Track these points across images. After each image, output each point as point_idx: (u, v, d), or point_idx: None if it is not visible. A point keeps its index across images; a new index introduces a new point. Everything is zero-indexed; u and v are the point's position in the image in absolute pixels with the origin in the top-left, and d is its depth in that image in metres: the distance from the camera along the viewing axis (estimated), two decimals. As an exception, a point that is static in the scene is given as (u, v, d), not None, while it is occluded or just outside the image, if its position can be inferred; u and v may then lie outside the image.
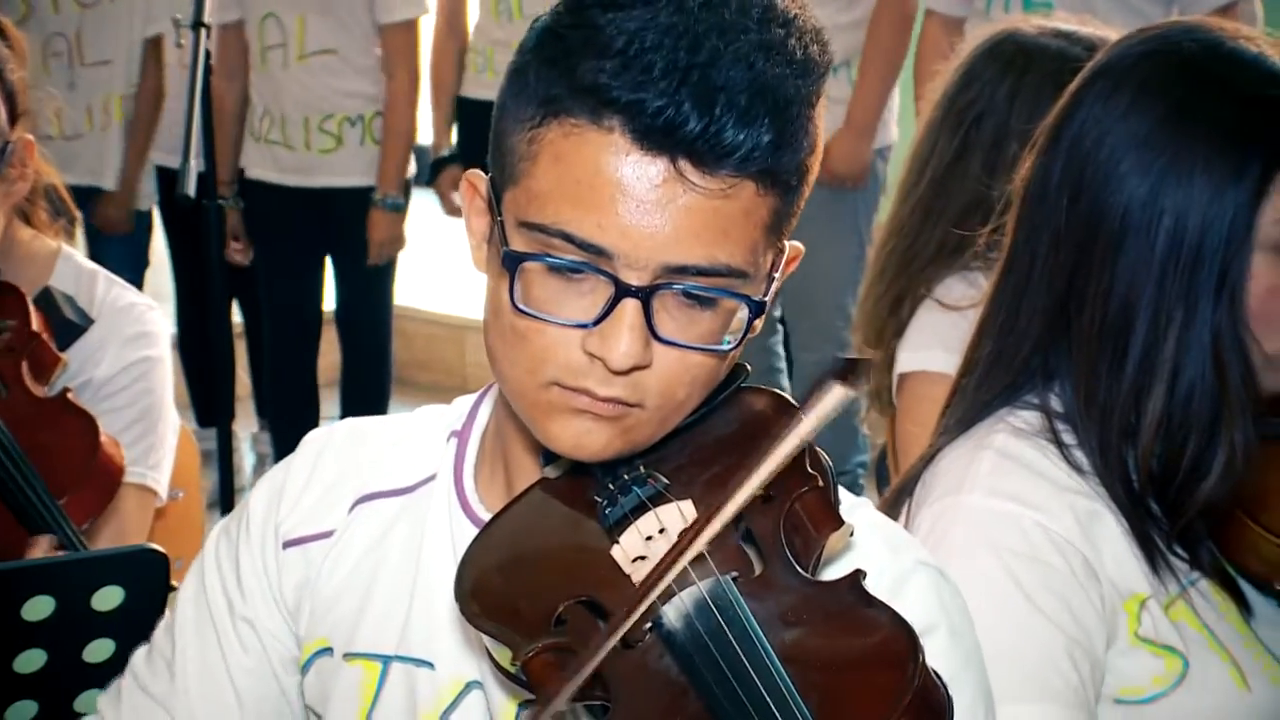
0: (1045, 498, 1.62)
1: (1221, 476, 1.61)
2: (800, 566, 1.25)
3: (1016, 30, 2.52)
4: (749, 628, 1.20)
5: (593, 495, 1.33)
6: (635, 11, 1.26)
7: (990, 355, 1.71)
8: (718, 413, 1.37)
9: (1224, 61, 1.63)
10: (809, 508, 1.28)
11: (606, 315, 1.28)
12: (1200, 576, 1.64)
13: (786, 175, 1.29)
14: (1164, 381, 1.61)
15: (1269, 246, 1.61)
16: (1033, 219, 1.69)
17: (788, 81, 1.27)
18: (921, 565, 1.38)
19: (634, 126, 1.25)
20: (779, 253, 1.35)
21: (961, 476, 1.65)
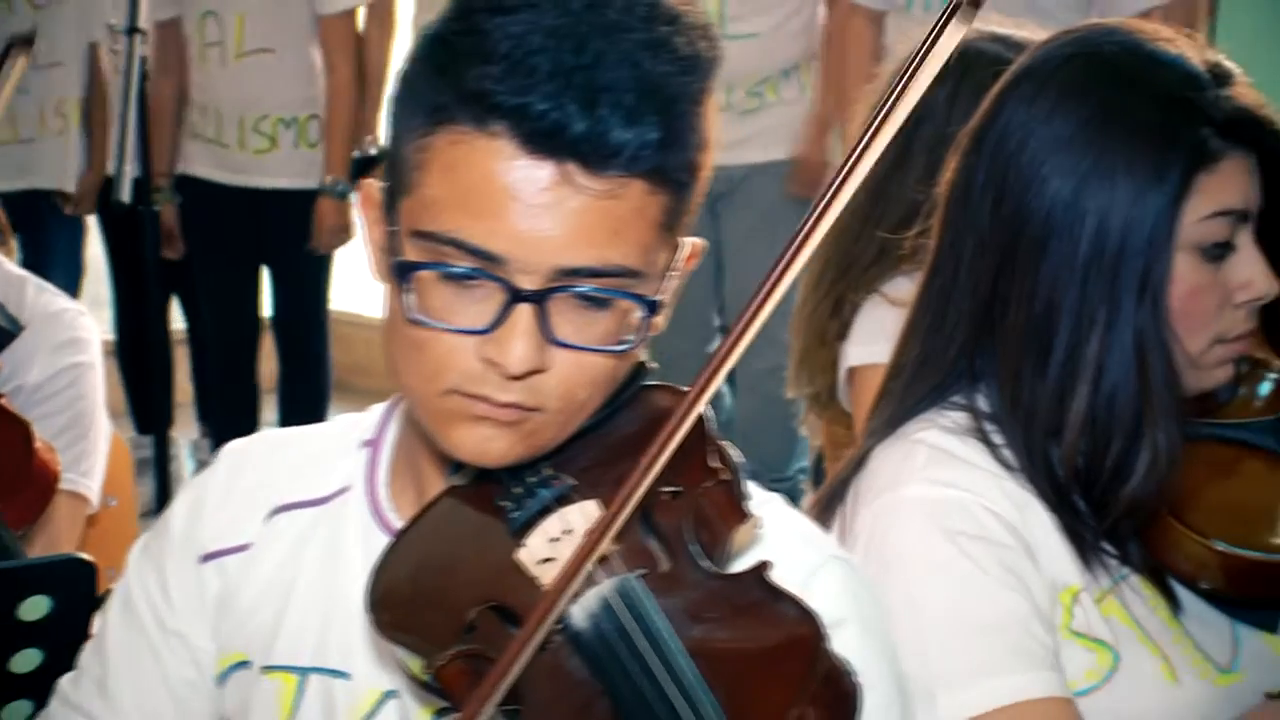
0: (983, 483, 1.63)
1: (1146, 476, 1.61)
2: (707, 561, 1.26)
3: None
4: (655, 625, 1.21)
5: (499, 500, 1.33)
6: (520, 15, 1.26)
7: (917, 358, 1.72)
8: (622, 412, 1.38)
9: (1145, 63, 1.64)
10: (715, 501, 1.29)
11: (501, 321, 1.28)
12: (1130, 571, 1.65)
13: (676, 173, 1.29)
14: (1088, 382, 1.62)
15: (1191, 247, 1.62)
16: (957, 222, 1.69)
17: (674, 79, 1.27)
18: (833, 558, 1.39)
19: (520, 131, 1.25)
20: (675, 249, 1.35)
21: (897, 472, 1.66)
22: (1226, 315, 1.65)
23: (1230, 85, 1.64)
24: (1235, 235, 1.64)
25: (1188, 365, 1.64)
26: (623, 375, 1.36)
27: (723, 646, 1.21)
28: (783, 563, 1.30)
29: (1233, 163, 1.62)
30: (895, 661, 1.39)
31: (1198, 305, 1.63)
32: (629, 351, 1.33)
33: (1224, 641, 1.67)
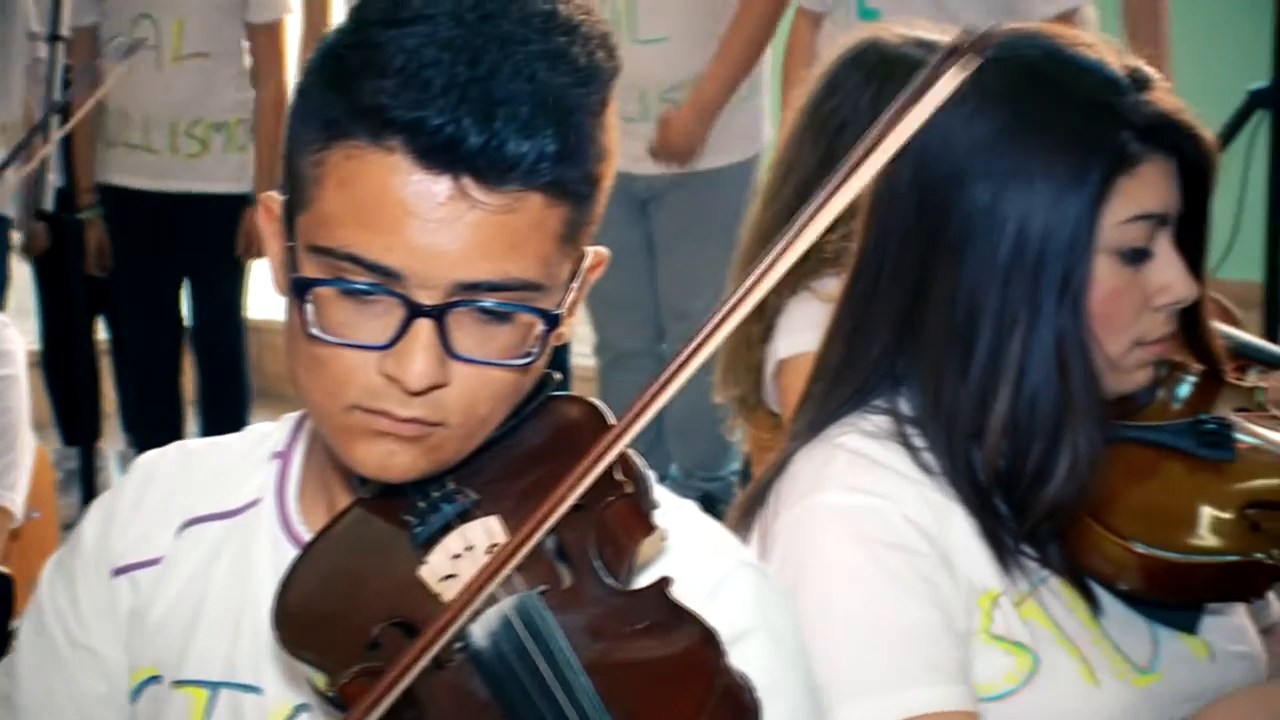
0: (901, 490, 1.63)
1: (1066, 479, 1.62)
2: (610, 576, 1.25)
3: (878, 39, 2.53)
4: (554, 643, 1.20)
5: (404, 514, 1.32)
6: (414, 28, 1.25)
7: (840, 361, 1.72)
8: (528, 424, 1.37)
9: (1064, 67, 1.64)
10: (619, 515, 1.28)
11: (400, 336, 1.27)
12: (1050, 574, 1.66)
13: (575, 185, 1.28)
14: (1009, 384, 1.63)
15: (1110, 250, 1.63)
16: (880, 225, 1.70)
17: (571, 90, 1.27)
18: (742, 566, 1.38)
19: (415, 146, 1.24)
20: (577, 261, 1.34)
21: (817, 477, 1.66)
22: (1146, 318, 1.66)
23: (1149, 90, 1.65)
24: (1154, 239, 1.65)
25: (1108, 368, 1.65)
26: (527, 388, 1.35)
27: (622, 664, 1.20)
28: (690, 572, 1.30)
29: (1152, 167, 1.63)
30: (806, 670, 1.39)
31: (1117, 308, 1.64)
32: (532, 364, 1.32)
33: (1143, 643, 1.68)
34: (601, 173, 1.32)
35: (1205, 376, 1.80)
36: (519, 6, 1.28)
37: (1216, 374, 1.80)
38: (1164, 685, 1.66)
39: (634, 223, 4.39)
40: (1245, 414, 1.78)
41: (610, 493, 1.28)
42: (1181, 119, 1.64)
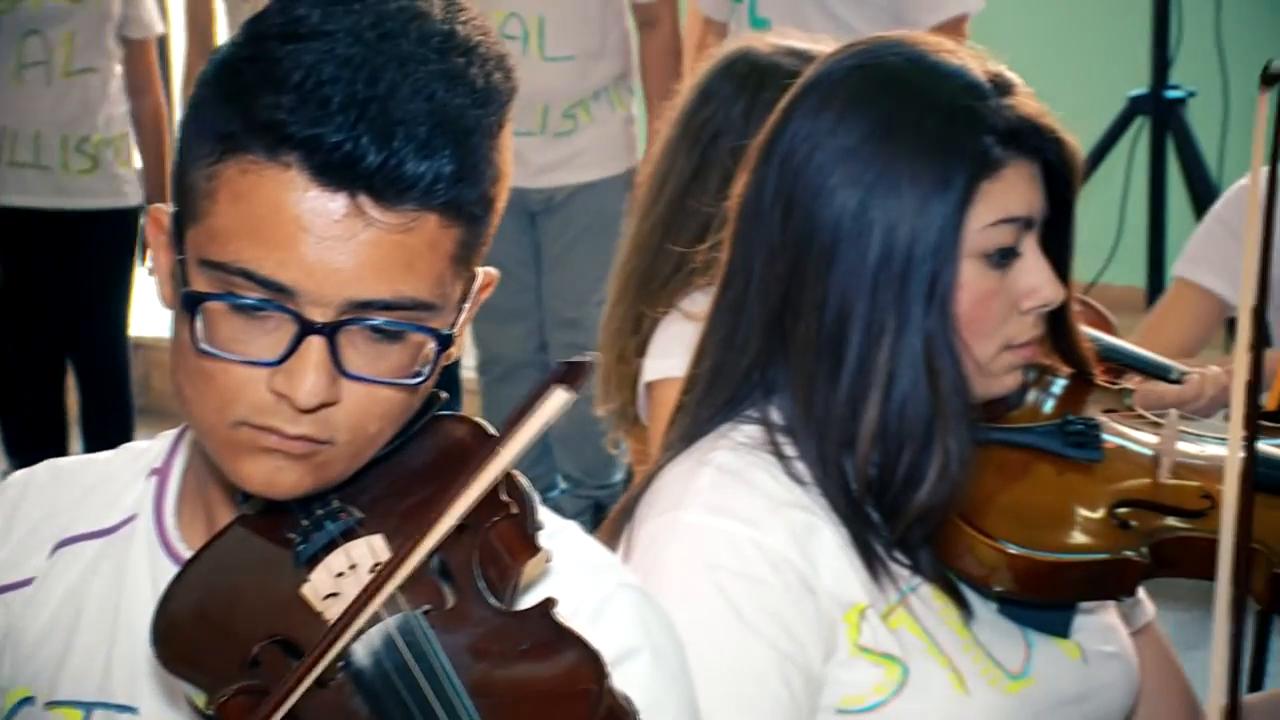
0: (762, 514, 1.62)
1: (937, 482, 1.62)
2: (494, 597, 1.25)
3: (750, 49, 2.54)
4: (436, 663, 1.19)
5: (288, 532, 1.31)
6: (313, 44, 1.24)
7: (710, 371, 1.72)
8: (414, 442, 1.36)
9: (927, 74, 1.65)
10: (503, 536, 1.28)
11: (291, 353, 1.25)
12: (921, 582, 1.66)
13: (471, 206, 1.28)
14: (879, 390, 1.63)
15: (976, 254, 1.63)
16: (748, 235, 1.70)
17: (469, 111, 1.26)
18: (624, 587, 1.38)
19: (312, 163, 1.23)
20: (469, 281, 1.34)
21: (681, 492, 1.65)
22: (1013, 321, 1.67)
23: (1011, 94, 1.66)
24: (1020, 242, 1.66)
25: (977, 372, 1.66)
26: (416, 407, 1.34)
27: (505, 685, 1.20)
28: (574, 594, 1.30)
29: (1015, 170, 1.64)
30: (689, 690, 1.38)
31: (985, 312, 1.65)
32: (422, 384, 1.31)
33: (1015, 648, 1.68)
34: (496, 194, 1.32)
35: (1074, 379, 1.82)
36: (418, 26, 1.27)
37: (1085, 376, 1.82)
38: (1036, 690, 1.67)
39: (524, 235, 4.40)
40: (1113, 415, 1.80)
41: (495, 513, 1.28)
42: (1043, 122, 1.66)
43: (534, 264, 4.45)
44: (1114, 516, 1.68)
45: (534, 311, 4.45)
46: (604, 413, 2.69)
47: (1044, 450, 1.73)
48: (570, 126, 4.29)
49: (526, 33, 4.23)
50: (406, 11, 1.27)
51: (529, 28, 4.23)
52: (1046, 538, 1.66)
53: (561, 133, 4.29)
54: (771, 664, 1.58)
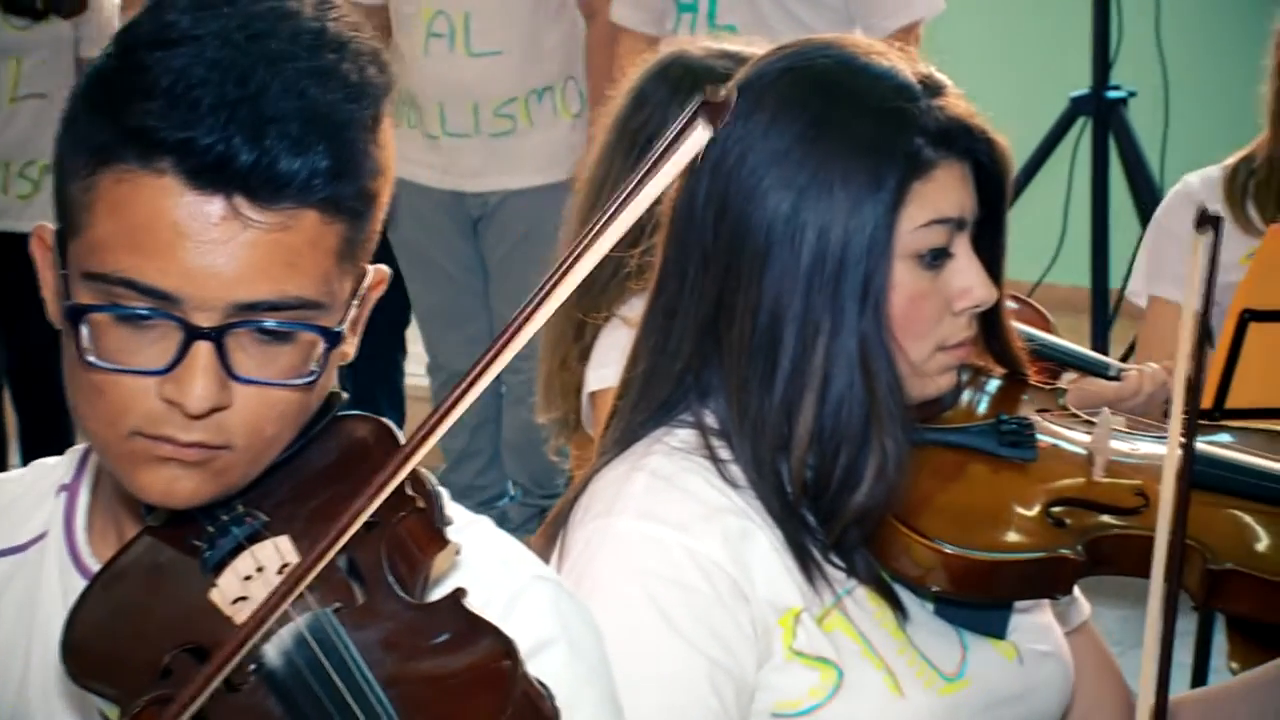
0: (695, 520, 1.62)
1: (874, 484, 1.62)
2: (404, 591, 1.25)
3: (684, 52, 2.54)
4: (348, 659, 1.19)
5: (193, 539, 1.31)
6: (181, 49, 1.24)
7: (644, 376, 1.71)
8: (317, 443, 1.36)
9: (858, 75, 1.65)
10: (411, 530, 1.28)
11: (179, 360, 1.25)
12: (856, 585, 1.66)
13: (350, 201, 1.28)
14: (814, 392, 1.63)
15: (908, 255, 1.64)
16: (681, 239, 1.69)
17: (342, 106, 1.26)
18: (537, 579, 1.38)
19: (186, 167, 1.23)
20: (358, 278, 1.34)
21: (614, 497, 1.65)
22: (947, 322, 1.67)
23: (942, 95, 1.66)
24: (953, 243, 1.66)
25: (911, 373, 1.66)
26: (314, 407, 1.34)
27: (419, 677, 1.20)
28: (486, 586, 1.30)
29: (946, 171, 1.65)
30: (607, 680, 1.38)
31: (918, 313, 1.65)
32: (315, 383, 1.31)
33: (951, 650, 1.68)
34: (377, 189, 1.32)
35: (1007, 379, 1.82)
36: (288, 26, 1.28)
37: (1019, 376, 1.83)
38: (972, 691, 1.67)
39: (466, 241, 4.39)
40: (1047, 414, 1.81)
41: (402, 509, 1.28)
42: (974, 123, 1.66)
43: (479, 269, 4.44)
44: (1049, 515, 1.68)
45: (482, 314, 4.44)
46: (545, 420, 2.68)
47: (979, 450, 1.73)
48: (507, 127, 4.24)
49: (453, 29, 4.20)
50: (276, 12, 1.28)
51: (455, 24, 4.20)
52: (982, 537, 1.66)
53: (497, 133, 4.24)
54: (702, 672, 1.57)
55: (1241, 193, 3.06)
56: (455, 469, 4.57)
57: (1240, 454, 1.81)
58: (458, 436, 4.51)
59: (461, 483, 4.58)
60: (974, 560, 1.64)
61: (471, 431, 4.49)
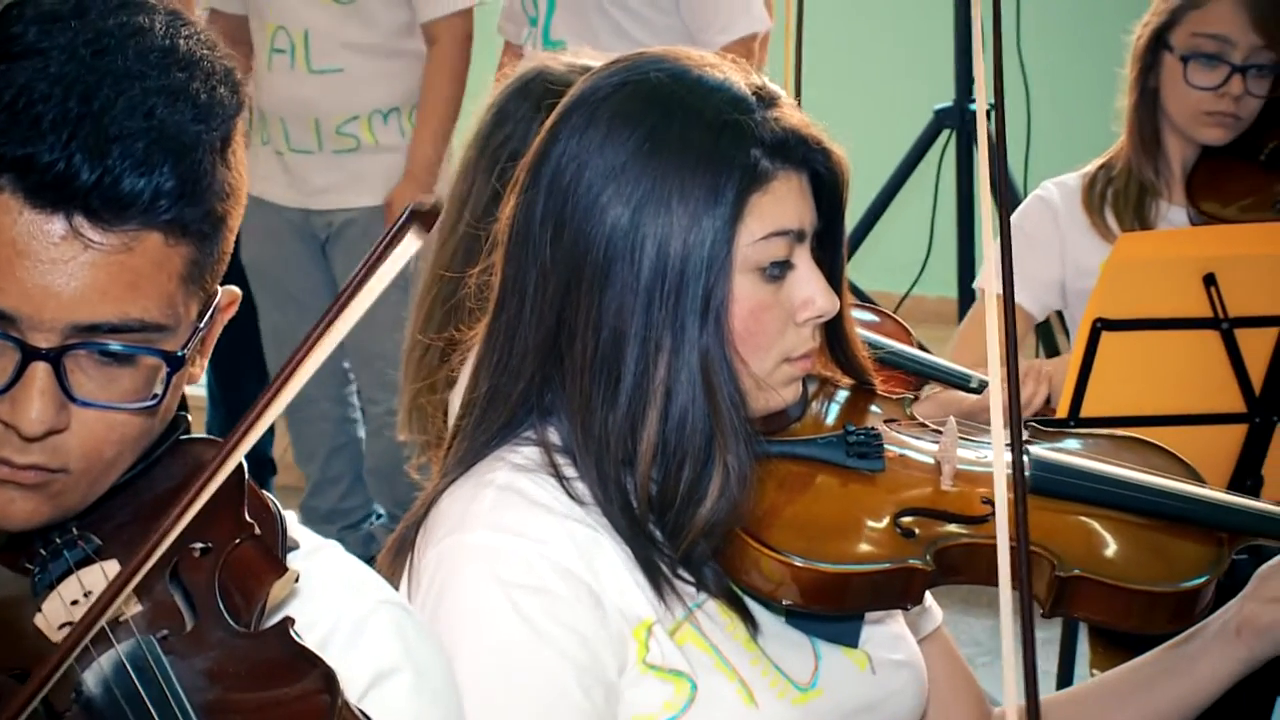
0: (547, 529, 1.61)
1: (719, 498, 1.61)
2: (235, 619, 1.24)
3: (545, 68, 2.53)
4: (166, 689, 1.18)
5: (27, 563, 1.29)
6: (25, 63, 1.21)
7: (486, 394, 1.69)
8: (158, 466, 1.34)
9: (692, 88, 1.64)
10: (247, 557, 1.27)
11: (15, 381, 1.22)
12: (707, 597, 1.65)
13: (197, 223, 1.26)
14: (657, 408, 1.62)
15: (749, 268, 1.63)
16: (519, 257, 1.67)
17: (190, 127, 1.24)
18: (383, 604, 1.36)
19: (25, 184, 1.20)
20: (206, 300, 1.31)
21: (463, 515, 1.63)
22: (790, 334, 1.67)
23: (776, 106, 1.65)
24: (793, 254, 1.66)
25: (754, 386, 1.65)
26: (157, 430, 1.32)
27: (238, 707, 1.19)
28: (331, 613, 1.29)
29: (784, 183, 1.64)
30: (454, 706, 1.37)
31: (760, 325, 1.64)
32: (157, 407, 1.28)
33: (804, 660, 1.68)
34: (226, 211, 1.29)
35: (854, 389, 1.82)
36: (136, 42, 1.25)
37: (865, 386, 1.82)
38: (825, 701, 1.67)
39: (315, 263, 4.37)
40: (894, 424, 1.80)
41: (239, 534, 1.27)
42: (809, 133, 1.65)
43: (330, 292, 4.41)
44: (897, 525, 1.68)
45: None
46: (406, 438, 2.65)
47: (826, 462, 1.72)
48: (351, 145, 4.22)
49: (294, 45, 4.20)
50: (126, 28, 1.25)
51: (295, 40, 4.20)
52: (831, 549, 1.65)
53: (341, 150, 4.22)
54: (572, 676, 1.56)
55: (1100, 200, 3.10)
56: (317, 494, 4.53)
57: (1087, 460, 1.82)
58: (313, 463, 4.48)
59: (326, 507, 4.55)
60: (823, 573, 1.63)
61: (326, 458, 4.45)
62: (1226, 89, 2.95)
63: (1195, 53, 2.96)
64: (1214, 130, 3.00)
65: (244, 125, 1.32)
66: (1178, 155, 3.07)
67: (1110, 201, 3.11)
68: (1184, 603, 1.71)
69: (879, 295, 4.57)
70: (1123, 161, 3.10)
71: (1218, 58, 2.95)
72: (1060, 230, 3.08)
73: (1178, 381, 2.53)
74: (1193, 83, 2.96)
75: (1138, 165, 3.06)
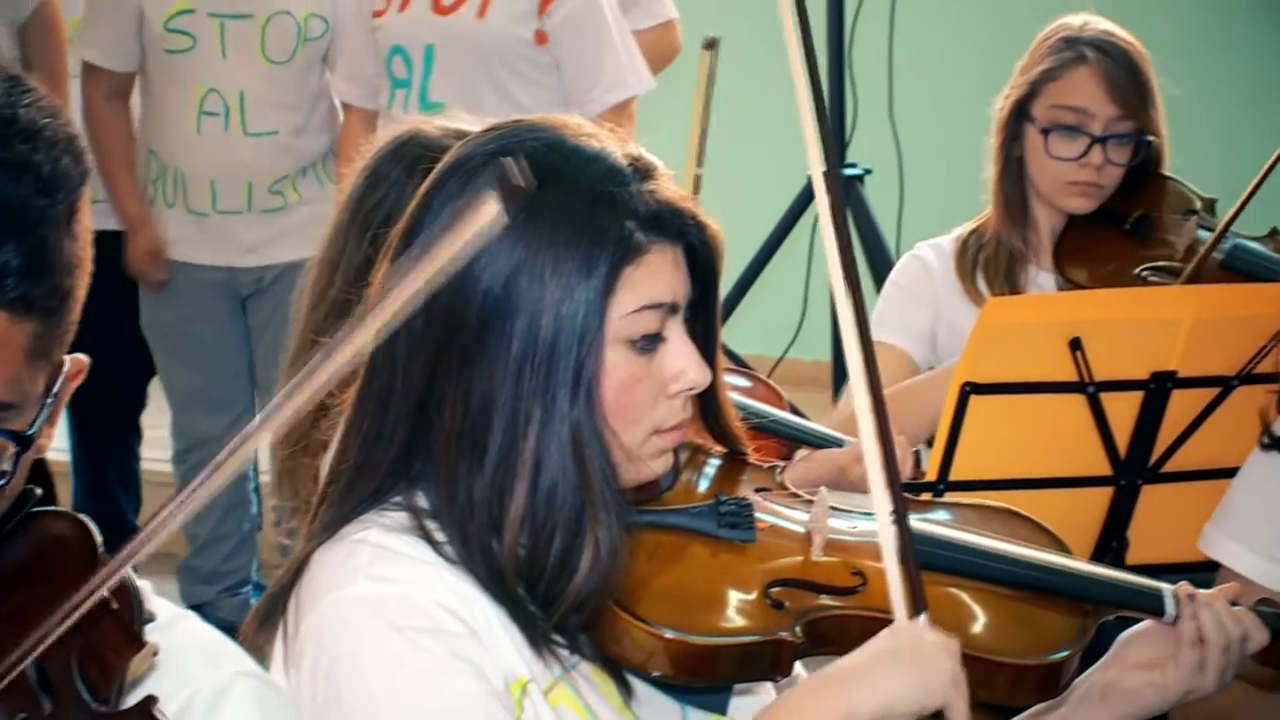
0: (426, 578, 1.60)
1: (589, 570, 1.60)
2: (95, 699, 1.21)
3: (420, 131, 2.51)
4: None
5: None
6: None
7: (356, 463, 1.67)
8: (9, 543, 1.31)
9: (568, 159, 1.64)
10: (105, 635, 1.24)
11: None
12: (581, 659, 1.64)
13: (43, 300, 1.22)
14: (525, 480, 1.61)
15: (621, 341, 1.62)
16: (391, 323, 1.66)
17: (34, 202, 1.21)
18: (241, 676, 1.35)
19: None
20: (53, 373, 1.28)
21: (339, 571, 1.61)
22: (662, 406, 1.66)
23: (653, 179, 1.66)
24: (665, 327, 1.65)
25: (625, 458, 1.65)
26: (3, 508, 1.28)
27: None
28: (189, 685, 1.27)
29: (658, 255, 1.64)
30: None
31: (632, 398, 1.64)
32: (5, 488, 1.25)
33: None
34: (73, 284, 1.26)
35: (727, 458, 1.82)
36: None
37: (738, 455, 1.83)
38: None
39: (234, 320, 4.36)
40: (766, 493, 1.81)
41: (96, 612, 1.23)
42: (684, 206, 1.66)
43: (245, 349, 4.38)
44: (768, 597, 1.68)
45: (243, 398, 4.39)
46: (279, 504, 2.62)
47: (698, 532, 1.73)
48: (279, 204, 4.27)
49: (227, 108, 4.21)
50: None
51: (229, 103, 4.20)
52: (701, 621, 1.65)
53: (269, 209, 4.26)
54: (488, 695, 1.55)
55: (972, 265, 3.14)
56: (201, 554, 4.47)
57: (955, 531, 1.83)
58: (206, 522, 4.43)
59: (207, 567, 4.49)
60: (693, 645, 1.63)
61: (223, 515, 4.41)
62: (1088, 159, 2.99)
63: (1056, 124, 3.00)
64: (1078, 200, 3.04)
65: (89, 193, 1.28)
66: (1045, 222, 3.11)
67: (982, 266, 3.14)
68: (1050, 675, 1.73)
69: (754, 359, 4.60)
70: (991, 230, 3.14)
71: (1077, 129, 3.00)
72: (935, 289, 3.11)
73: (1045, 444, 2.56)
74: (1054, 154, 3.01)
75: (1006, 234, 3.09)
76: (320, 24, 4.25)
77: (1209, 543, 2.33)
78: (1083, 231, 3.08)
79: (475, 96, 3.83)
